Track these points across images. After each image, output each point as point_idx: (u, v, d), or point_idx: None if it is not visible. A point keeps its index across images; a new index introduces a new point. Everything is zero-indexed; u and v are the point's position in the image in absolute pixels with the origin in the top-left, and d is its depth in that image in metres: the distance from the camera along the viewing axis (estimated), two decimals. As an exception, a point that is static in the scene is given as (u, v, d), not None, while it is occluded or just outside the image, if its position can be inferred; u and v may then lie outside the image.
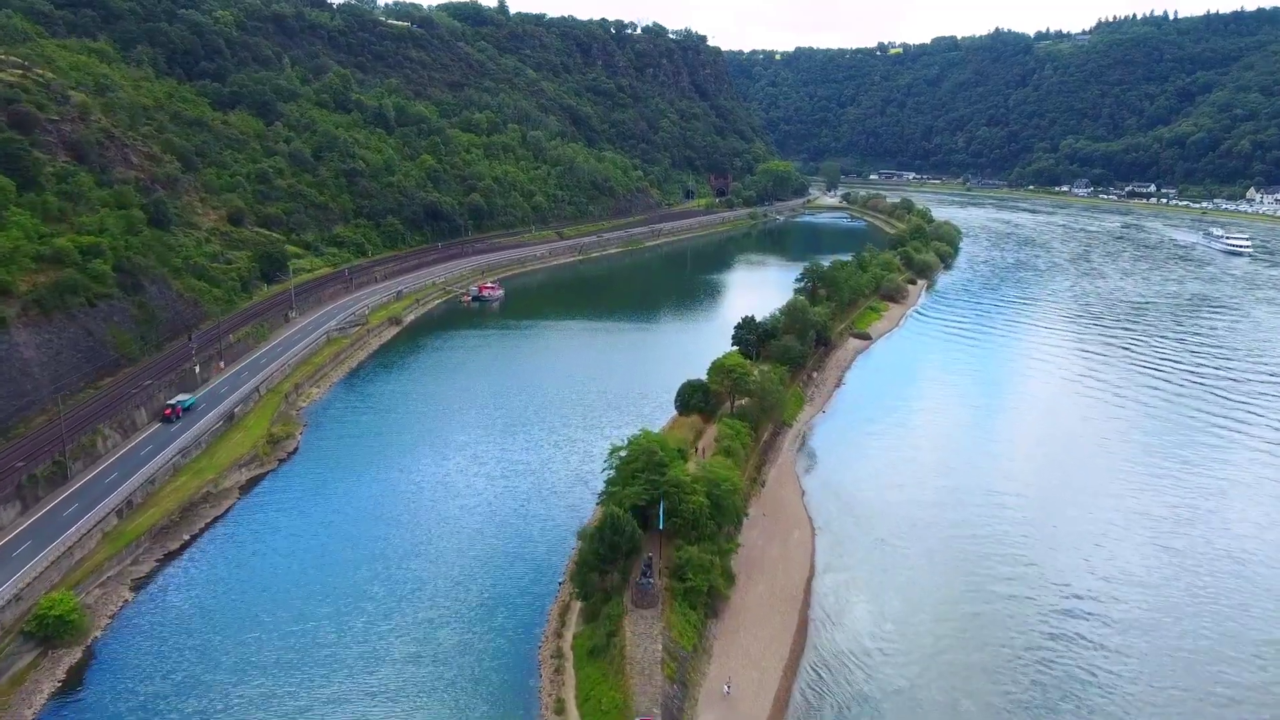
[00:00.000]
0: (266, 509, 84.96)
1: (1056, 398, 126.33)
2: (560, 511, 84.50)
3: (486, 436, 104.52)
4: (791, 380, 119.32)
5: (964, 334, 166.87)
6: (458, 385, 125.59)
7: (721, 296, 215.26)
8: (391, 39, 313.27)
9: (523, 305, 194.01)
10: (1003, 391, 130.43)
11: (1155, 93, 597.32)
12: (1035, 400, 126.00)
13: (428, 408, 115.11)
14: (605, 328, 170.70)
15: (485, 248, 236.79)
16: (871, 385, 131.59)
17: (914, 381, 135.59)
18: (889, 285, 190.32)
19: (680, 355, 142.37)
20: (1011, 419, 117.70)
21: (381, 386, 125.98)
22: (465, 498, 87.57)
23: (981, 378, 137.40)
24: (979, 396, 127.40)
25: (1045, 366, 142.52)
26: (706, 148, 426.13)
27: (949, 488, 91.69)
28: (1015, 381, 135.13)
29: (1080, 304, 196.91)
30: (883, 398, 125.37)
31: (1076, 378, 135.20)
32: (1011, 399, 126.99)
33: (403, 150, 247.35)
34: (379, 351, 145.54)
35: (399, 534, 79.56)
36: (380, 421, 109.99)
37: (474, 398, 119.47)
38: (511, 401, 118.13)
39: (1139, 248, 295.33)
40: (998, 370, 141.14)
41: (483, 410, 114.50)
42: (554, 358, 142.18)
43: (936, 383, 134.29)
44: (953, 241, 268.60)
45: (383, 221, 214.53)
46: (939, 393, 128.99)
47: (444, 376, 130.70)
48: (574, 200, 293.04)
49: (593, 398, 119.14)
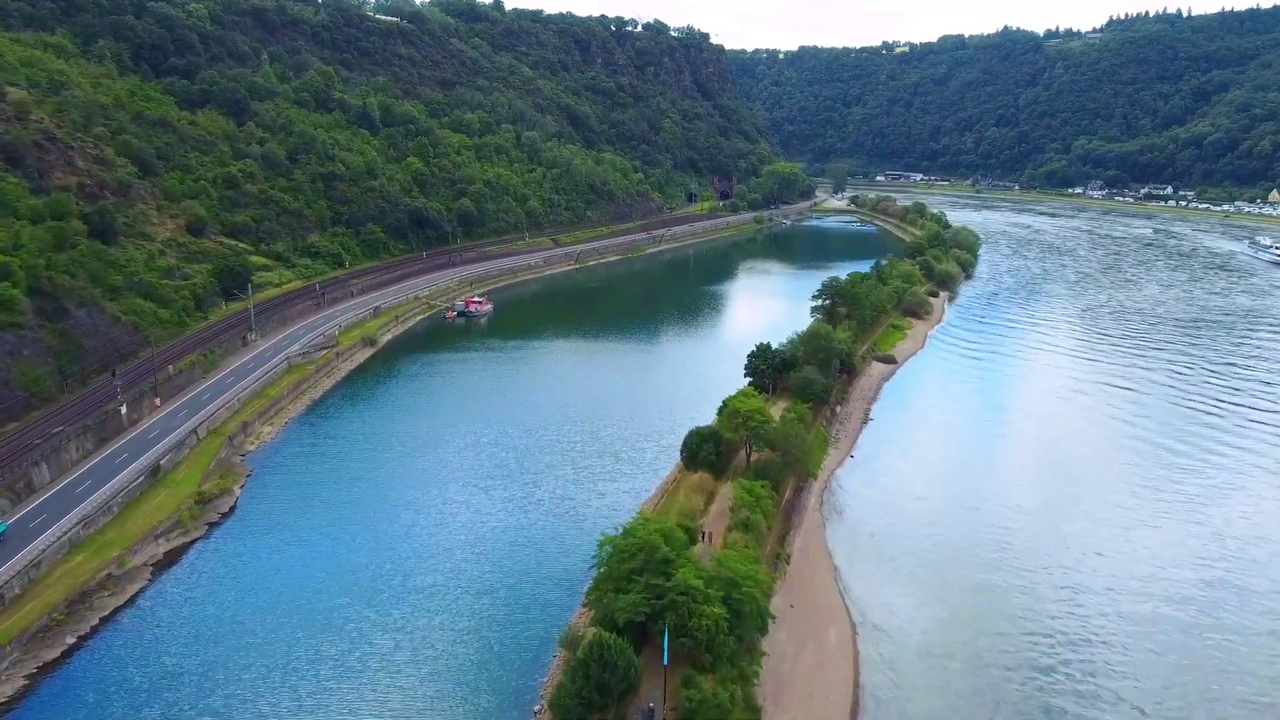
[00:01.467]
0: (181, 595, 69.41)
1: (1118, 442, 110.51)
2: (541, 602, 68.83)
3: (459, 494, 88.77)
4: (813, 418, 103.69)
5: (995, 356, 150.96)
6: (430, 423, 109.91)
7: (728, 311, 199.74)
8: (379, 35, 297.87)
9: (513, 321, 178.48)
10: (1049, 430, 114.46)
11: (1169, 92, 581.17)
12: (1091, 442, 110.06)
13: (393, 453, 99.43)
14: (602, 349, 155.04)
15: (475, 257, 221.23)
16: (901, 421, 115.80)
17: (947, 414, 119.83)
18: (911, 299, 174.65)
19: (685, 384, 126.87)
20: (1064, 464, 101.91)
21: (344, 424, 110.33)
22: (423, 579, 71.96)
23: (1022, 412, 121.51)
24: (1023, 438, 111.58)
25: (1095, 400, 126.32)
26: (710, 149, 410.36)
27: (1008, 563, 76.02)
28: (1063, 419, 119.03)
29: (1121, 321, 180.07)
30: (915, 436, 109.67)
31: (1134, 418, 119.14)
32: (1062, 440, 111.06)
33: (387, 152, 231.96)
34: (347, 379, 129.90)
35: (333, 637, 63.95)
36: (336, 470, 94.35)
37: (448, 439, 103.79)
38: (492, 444, 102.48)
39: (1172, 256, 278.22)
40: (1040, 403, 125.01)
41: (458, 456, 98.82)
42: (543, 387, 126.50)
43: (972, 418, 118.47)
44: (972, 249, 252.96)
45: (363, 229, 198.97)
46: (976, 430, 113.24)
47: (416, 411, 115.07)
48: (571, 205, 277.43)
49: (585, 440, 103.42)
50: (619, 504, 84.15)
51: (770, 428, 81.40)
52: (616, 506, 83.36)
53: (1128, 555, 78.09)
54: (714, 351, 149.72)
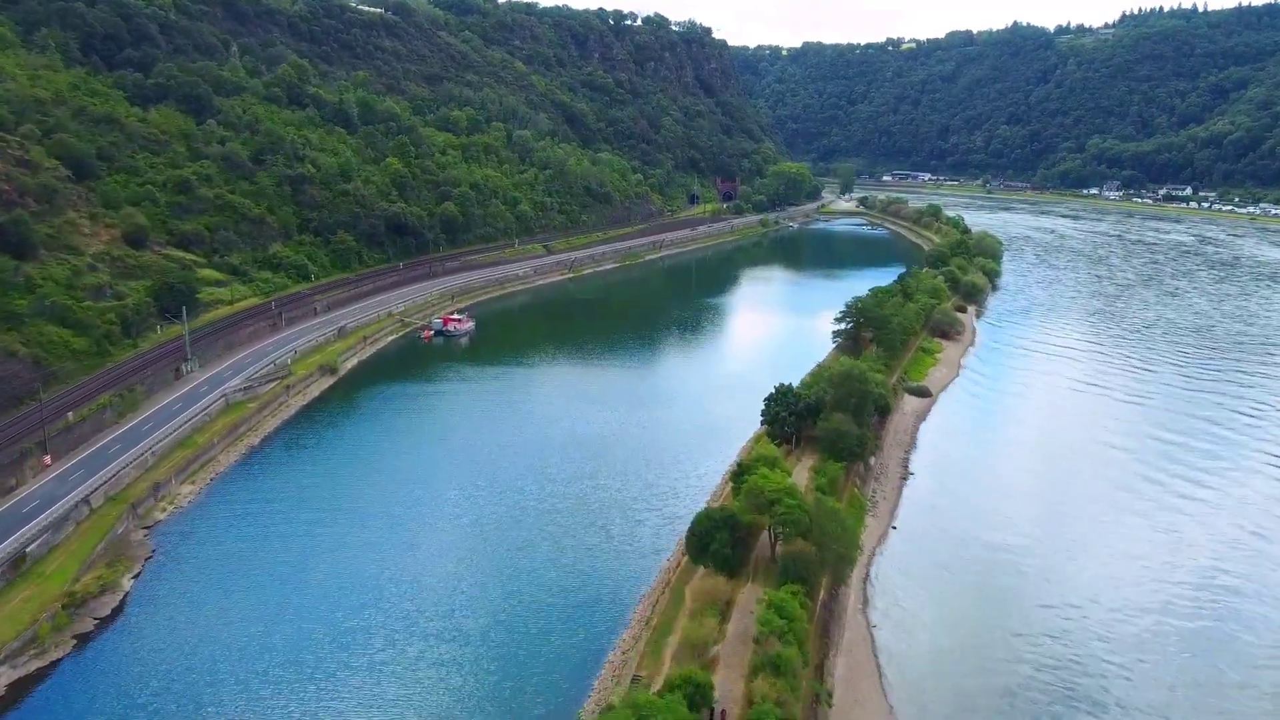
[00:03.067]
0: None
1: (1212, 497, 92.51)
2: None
3: (402, 596, 70.50)
4: (846, 478, 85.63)
5: (1042, 387, 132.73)
6: (386, 480, 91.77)
7: (734, 330, 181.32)
8: (361, 27, 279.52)
9: (497, 341, 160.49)
10: (1125, 478, 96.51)
11: (1186, 89, 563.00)
12: (1177, 496, 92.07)
13: (328, 527, 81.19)
14: (593, 378, 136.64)
15: (458, 266, 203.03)
16: (945, 474, 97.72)
17: (996, 464, 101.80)
18: (940, 318, 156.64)
19: (689, 427, 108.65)
20: (1150, 522, 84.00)
21: (280, 480, 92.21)
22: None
23: (1086, 455, 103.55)
24: (1096, 492, 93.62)
25: (1174, 448, 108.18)
26: (712, 148, 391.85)
27: (1110, 670, 58.15)
28: (1140, 476, 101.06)
29: (1178, 344, 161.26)
30: (967, 494, 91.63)
31: (1240, 472, 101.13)
32: (1139, 489, 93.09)
33: (365, 153, 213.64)
34: (298, 417, 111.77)
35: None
36: (256, 551, 76.22)
37: (399, 507, 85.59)
38: (456, 514, 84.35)
39: (1214, 265, 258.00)
40: (1102, 453, 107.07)
41: (409, 534, 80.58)
42: (524, 430, 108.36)
43: (1028, 470, 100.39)
44: (996, 256, 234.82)
45: (333, 237, 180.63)
46: (1036, 483, 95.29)
47: (368, 464, 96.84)
48: (565, 208, 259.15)
49: (570, 508, 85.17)
50: (607, 612, 66.11)
51: (802, 513, 63.23)
52: (602, 618, 65.37)
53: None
54: (720, 382, 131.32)
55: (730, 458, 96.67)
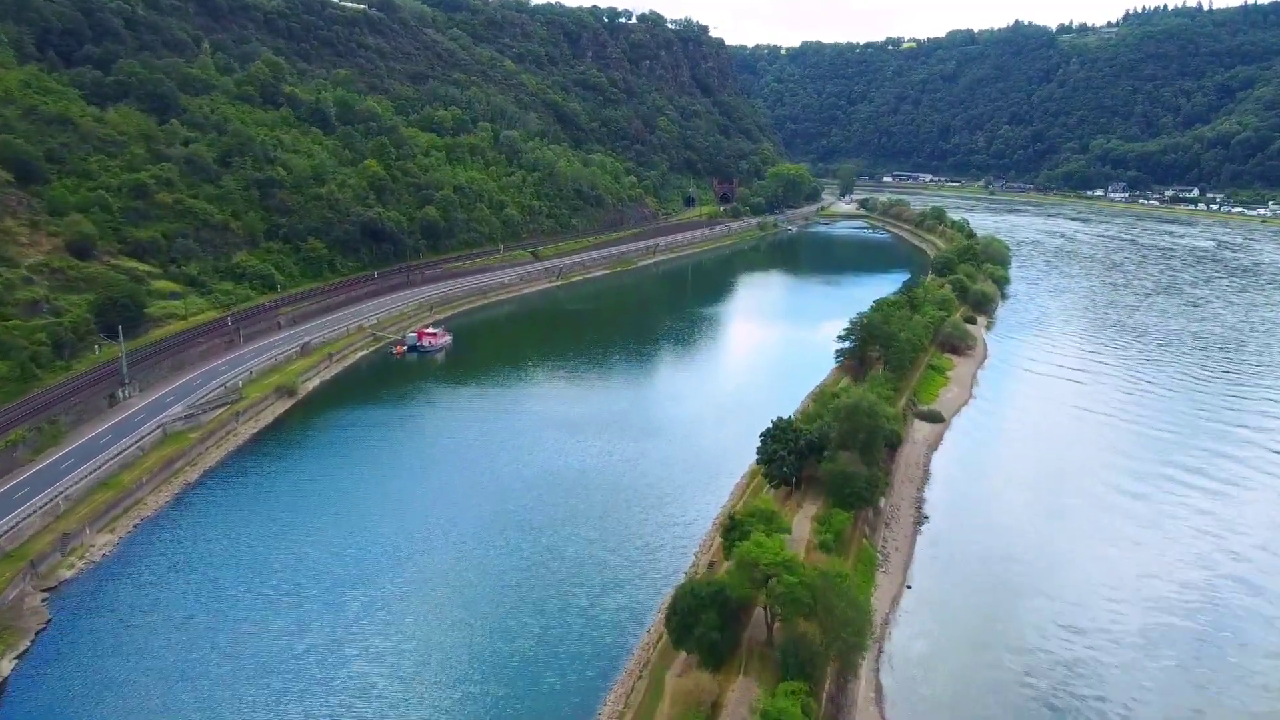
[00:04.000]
0: None
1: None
2: None
3: (329, 686, 60.00)
4: (853, 527, 75.08)
5: (1062, 411, 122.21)
6: (328, 529, 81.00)
7: (728, 343, 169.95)
8: (343, 23, 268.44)
9: (475, 355, 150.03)
10: (1160, 519, 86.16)
11: (1192, 89, 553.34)
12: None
13: (259, 590, 70.61)
14: (575, 397, 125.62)
15: (439, 274, 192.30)
16: (964, 517, 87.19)
17: (1022, 500, 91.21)
18: (950, 331, 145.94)
19: (677, 462, 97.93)
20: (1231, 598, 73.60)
21: (215, 526, 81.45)
22: None
23: (1110, 490, 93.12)
24: (1121, 530, 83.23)
25: (1225, 485, 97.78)
26: (709, 149, 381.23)
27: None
28: (1174, 504, 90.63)
29: (1205, 358, 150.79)
30: (988, 542, 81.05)
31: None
32: (1182, 538, 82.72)
33: (342, 154, 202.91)
34: (246, 448, 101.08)
35: None
36: (173, 620, 65.60)
37: (342, 565, 74.98)
38: (413, 574, 73.80)
39: (1234, 272, 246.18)
40: (1130, 477, 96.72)
41: (347, 602, 69.98)
42: (493, 460, 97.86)
43: (1052, 508, 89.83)
44: (1005, 262, 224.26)
45: (303, 244, 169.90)
46: (1062, 528, 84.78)
47: (316, 506, 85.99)
48: (554, 212, 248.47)
49: (541, 565, 74.34)
50: (573, 706, 55.54)
51: (804, 590, 52.60)
52: (566, 712, 54.83)
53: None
54: (712, 405, 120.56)
55: (722, 498, 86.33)
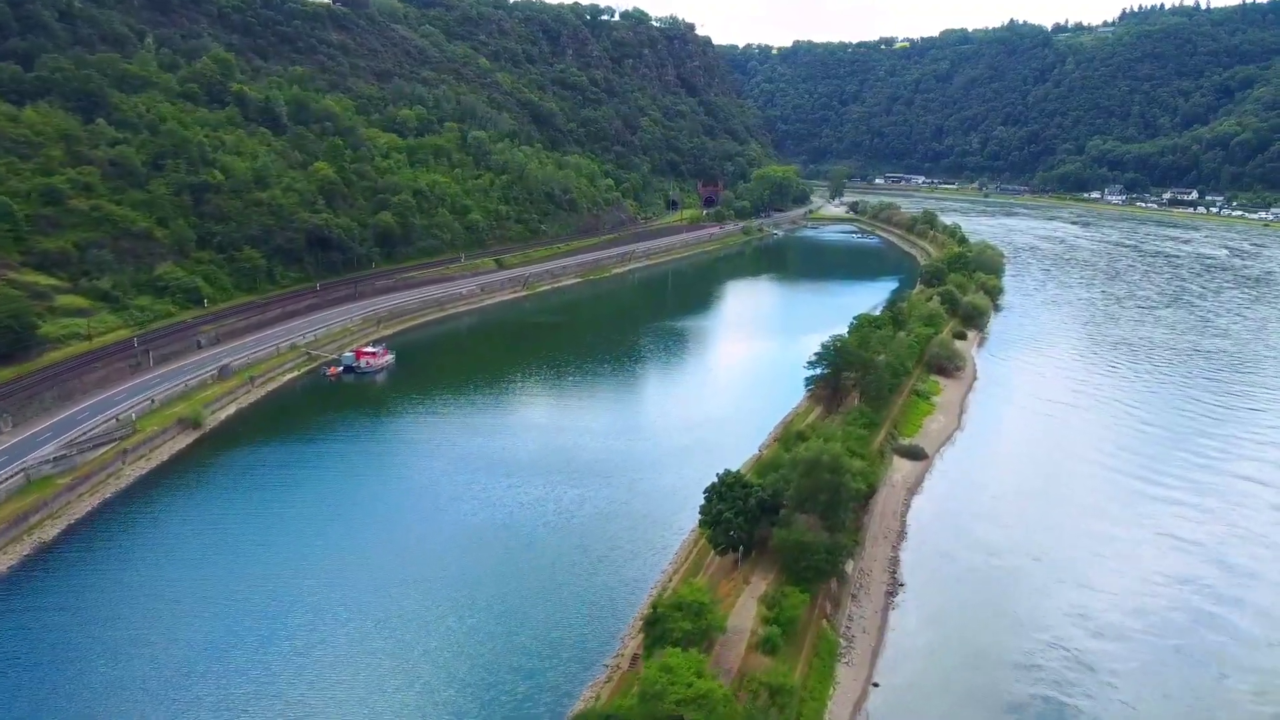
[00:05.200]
0: None
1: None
2: None
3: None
4: (812, 607, 62.38)
5: (1061, 442, 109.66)
6: (206, 602, 68.12)
7: (693, 363, 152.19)
8: (303, 18, 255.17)
9: (420, 377, 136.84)
10: (1190, 598, 73.61)
11: (1190, 89, 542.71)
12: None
13: (144, 660, 57.75)
14: (517, 430, 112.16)
15: (391, 285, 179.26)
16: (949, 576, 74.63)
17: (1015, 555, 78.55)
18: (938, 351, 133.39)
19: (616, 512, 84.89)
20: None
21: (66, 602, 68.31)
22: None
23: (1121, 543, 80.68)
24: (1139, 600, 70.73)
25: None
26: (694, 150, 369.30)
27: None
28: (1205, 568, 78.02)
29: (1215, 384, 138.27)
30: (978, 617, 68.39)
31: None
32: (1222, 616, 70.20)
33: (291, 156, 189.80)
34: (128, 494, 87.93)
35: None
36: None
37: (213, 658, 62.04)
38: (310, 676, 60.92)
39: (1244, 282, 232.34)
40: (1144, 528, 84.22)
41: (250, 678, 57.09)
42: (405, 511, 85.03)
43: (1052, 565, 77.27)
44: (998, 271, 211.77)
45: (238, 254, 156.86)
46: (1062, 593, 72.24)
47: (195, 571, 72.89)
48: (523, 217, 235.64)
49: (417, 696, 61.48)
50: None
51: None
52: None
53: None
54: (668, 440, 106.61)
55: (664, 562, 73.57)
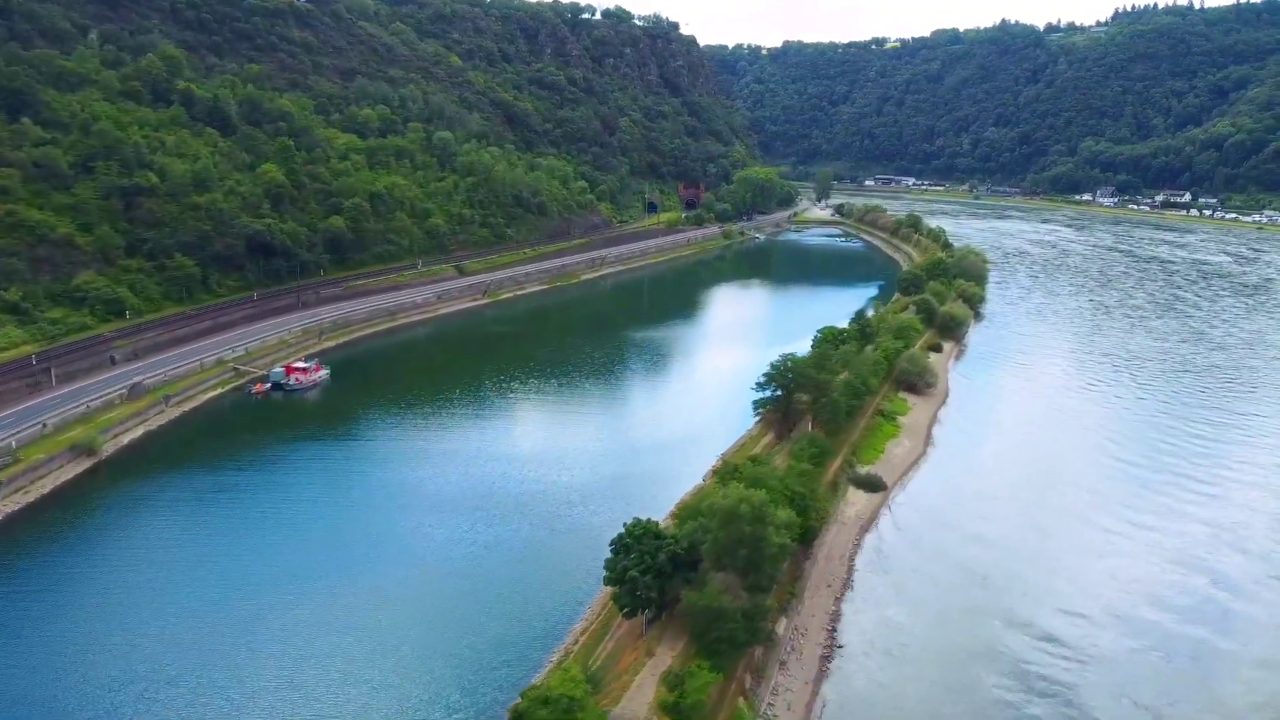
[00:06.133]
0: None
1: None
2: None
3: None
4: (727, 682, 53.46)
5: (1038, 467, 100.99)
6: (55, 685, 59.12)
7: (645, 381, 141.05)
8: (263, 14, 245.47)
9: (358, 394, 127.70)
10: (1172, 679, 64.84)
11: (1183, 89, 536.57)
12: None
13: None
14: (442, 459, 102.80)
15: (339, 294, 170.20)
16: (898, 639, 65.67)
17: (977, 608, 69.80)
18: (908, 366, 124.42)
19: (534, 563, 75.88)
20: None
21: None
22: None
23: (1099, 596, 71.98)
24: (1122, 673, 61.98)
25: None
26: (675, 152, 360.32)
27: None
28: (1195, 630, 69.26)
29: (1210, 404, 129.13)
30: (929, 694, 59.59)
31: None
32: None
33: (238, 158, 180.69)
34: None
35: None
36: None
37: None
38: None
39: (1242, 290, 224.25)
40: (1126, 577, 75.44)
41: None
42: (298, 564, 76.03)
43: (1017, 617, 68.55)
44: (981, 278, 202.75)
45: (169, 262, 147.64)
46: (1030, 656, 63.46)
47: (55, 635, 64.02)
48: (489, 221, 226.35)
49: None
50: None
51: None
52: None
53: None
54: (605, 469, 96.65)
55: (569, 629, 64.59)
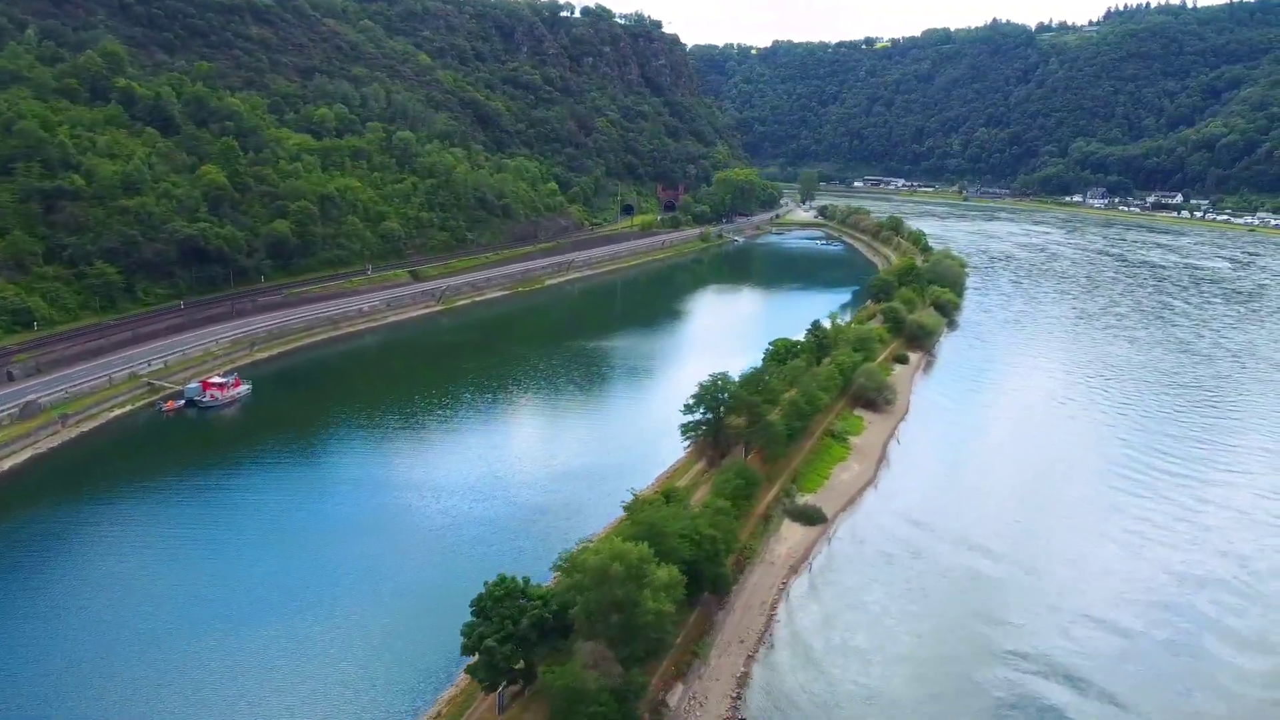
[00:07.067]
0: None
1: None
2: None
3: None
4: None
5: (1000, 491, 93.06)
6: None
7: (591, 393, 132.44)
8: (219, 10, 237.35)
9: (277, 412, 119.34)
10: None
11: (1175, 89, 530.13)
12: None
13: None
14: (356, 480, 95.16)
15: (280, 302, 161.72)
16: (814, 711, 57.61)
17: (916, 685, 61.79)
18: (865, 382, 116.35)
19: (401, 628, 67.57)
20: None
21: None
22: None
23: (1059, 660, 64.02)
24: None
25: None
26: (654, 153, 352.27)
27: None
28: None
29: (1189, 426, 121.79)
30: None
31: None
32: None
33: (177, 159, 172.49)
34: None
35: None
36: None
37: None
38: None
39: (1236, 299, 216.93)
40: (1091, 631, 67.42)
41: None
42: (149, 632, 67.87)
43: (970, 689, 60.56)
44: (957, 284, 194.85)
45: (89, 269, 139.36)
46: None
47: None
48: (448, 225, 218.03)
49: None
50: None
51: None
52: None
53: None
54: (515, 514, 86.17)
55: (433, 704, 56.42)
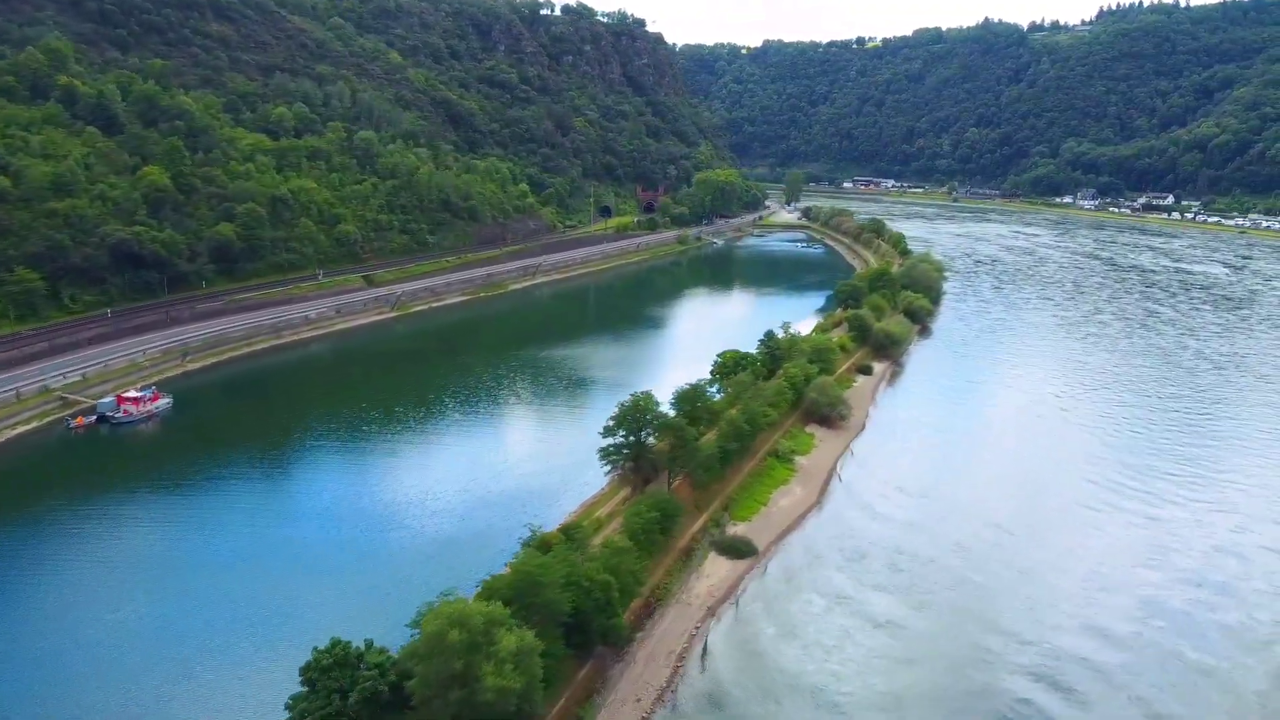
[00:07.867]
0: None
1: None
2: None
3: None
4: None
5: (948, 519, 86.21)
6: None
7: (529, 409, 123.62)
8: (176, 7, 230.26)
9: (198, 429, 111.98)
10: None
11: (1168, 89, 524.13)
12: None
13: None
14: (250, 517, 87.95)
15: (220, 309, 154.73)
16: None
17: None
18: (817, 397, 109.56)
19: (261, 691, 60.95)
20: None
21: None
22: None
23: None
24: None
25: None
26: (633, 153, 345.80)
27: None
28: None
29: (1175, 446, 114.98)
30: None
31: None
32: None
33: (119, 159, 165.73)
34: None
35: None
36: None
37: None
38: None
39: (1226, 305, 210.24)
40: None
41: None
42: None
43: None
44: (932, 289, 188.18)
45: (8, 275, 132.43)
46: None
47: None
48: (409, 227, 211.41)
49: None
50: None
51: None
52: None
53: None
54: (415, 547, 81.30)
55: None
